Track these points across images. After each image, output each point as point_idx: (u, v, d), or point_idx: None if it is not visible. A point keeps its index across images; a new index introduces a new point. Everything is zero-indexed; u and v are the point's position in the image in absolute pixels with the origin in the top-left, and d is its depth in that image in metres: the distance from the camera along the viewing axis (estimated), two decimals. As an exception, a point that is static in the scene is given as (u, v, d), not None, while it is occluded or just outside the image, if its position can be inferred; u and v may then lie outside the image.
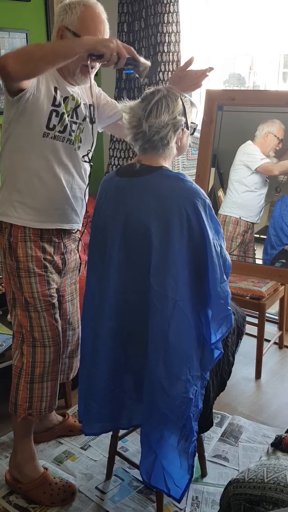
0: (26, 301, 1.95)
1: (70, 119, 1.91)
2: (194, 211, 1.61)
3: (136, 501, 2.08)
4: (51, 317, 1.98)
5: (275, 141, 2.86)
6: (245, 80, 3.73)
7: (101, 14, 1.86)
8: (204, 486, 2.15)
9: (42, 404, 2.01)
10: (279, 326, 3.27)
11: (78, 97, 1.94)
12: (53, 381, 2.03)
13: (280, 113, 2.84)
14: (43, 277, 1.95)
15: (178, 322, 1.64)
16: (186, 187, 1.63)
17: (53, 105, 1.84)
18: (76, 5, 1.83)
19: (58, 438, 2.42)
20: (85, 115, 1.97)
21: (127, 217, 1.66)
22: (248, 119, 2.97)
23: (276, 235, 2.90)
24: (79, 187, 2.01)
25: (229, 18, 3.30)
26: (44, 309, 1.96)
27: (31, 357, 1.98)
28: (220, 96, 3.01)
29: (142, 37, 3.35)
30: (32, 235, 1.92)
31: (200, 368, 1.73)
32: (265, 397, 2.79)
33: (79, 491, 2.13)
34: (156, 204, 1.62)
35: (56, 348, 2.01)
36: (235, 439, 2.44)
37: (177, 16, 3.16)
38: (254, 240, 3.02)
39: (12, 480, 2.11)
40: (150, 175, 1.66)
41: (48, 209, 1.93)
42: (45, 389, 2.01)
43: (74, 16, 1.82)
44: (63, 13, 1.83)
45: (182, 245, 1.61)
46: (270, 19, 3.17)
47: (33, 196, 1.90)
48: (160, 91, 1.69)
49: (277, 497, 1.41)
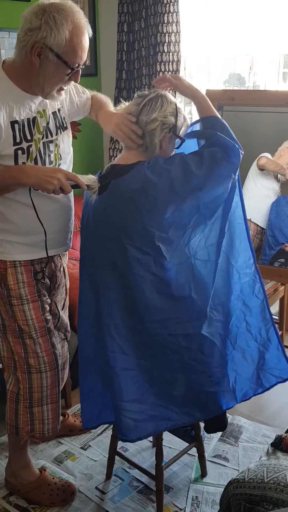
0: (20, 328, 1.87)
1: (46, 140, 1.76)
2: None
3: (136, 501, 2.08)
4: (47, 342, 1.91)
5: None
6: (245, 80, 3.72)
7: (87, 32, 1.65)
8: (204, 486, 2.15)
9: (44, 426, 1.97)
10: (279, 326, 3.26)
11: (45, 108, 1.77)
12: (54, 403, 1.97)
13: (280, 113, 2.84)
14: (36, 303, 1.86)
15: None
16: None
17: (14, 145, 1.67)
18: (63, 21, 1.57)
19: (58, 438, 2.41)
20: (57, 126, 1.81)
21: (120, 219, 1.66)
22: (248, 119, 2.97)
23: (273, 235, 2.91)
24: (65, 209, 1.88)
25: (229, 18, 3.30)
26: (40, 335, 1.88)
27: (27, 383, 1.92)
28: (220, 96, 3.01)
29: (142, 37, 3.34)
30: (23, 260, 1.82)
31: None
32: (265, 397, 2.78)
33: (79, 491, 2.13)
34: (140, 198, 1.64)
35: (53, 373, 1.94)
36: (235, 439, 2.44)
37: (177, 16, 3.15)
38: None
39: (10, 483, 2.10)
40: (127, 173, 1.67)
41: (34, 242, 1.81)
42: (45, 412, 1.96)
43: (61, 36, 1.57)
44: (46, 28, 1.55)
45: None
46: (270, 19, 3.17)
47: (15, 232, 1.78)
48: (157, 91, 1.73)
49: (277, 497, 1.41)
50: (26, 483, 2.06)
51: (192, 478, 2.20)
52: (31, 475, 2.08)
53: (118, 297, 1.72)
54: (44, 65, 1.62)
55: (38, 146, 1.73)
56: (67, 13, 1.59)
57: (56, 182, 1.59)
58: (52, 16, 1.56)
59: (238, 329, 1.91)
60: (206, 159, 1.66)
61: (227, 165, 1.68)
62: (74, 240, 3.39)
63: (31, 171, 1.63)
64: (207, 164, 1.65)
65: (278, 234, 2.89)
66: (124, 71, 3.49)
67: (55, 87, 1.69)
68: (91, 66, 3.65)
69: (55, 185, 1.59)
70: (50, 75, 1.64)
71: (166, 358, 1.77)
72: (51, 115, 1.79)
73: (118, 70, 3.50)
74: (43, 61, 1.61)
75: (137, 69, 3.42)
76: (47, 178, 1.59)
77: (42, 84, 1.66)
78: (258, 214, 2.95)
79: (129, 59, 3.45)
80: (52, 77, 1.65)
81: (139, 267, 1.66)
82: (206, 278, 1.78)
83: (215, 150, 1.67)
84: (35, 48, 1.58)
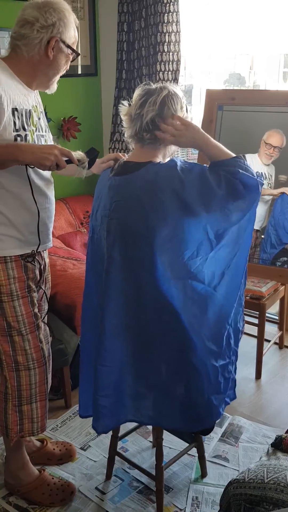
0: (9, 325, 1.86)
1: (38, 133, 1.83)
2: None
3: (136, 501, 2.08)
4: (36, 338, 1.91)
5: (264, 147, 2.86)
6: (245, 80, 3.72)
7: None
8: (204, 486, 2.15)
9: (33, 425, 1.97)
10: (279, 326, 3.27)
11: (37, 104, 1.88)
12: (42, 401, 1.97)
13: (280, 113, 2.84)
14: (26, 298, 1.87)
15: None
16: (168, 165, 1.65)
17: (14, 131, 1.72)
18: (71, 17, 1.79)
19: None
20: (46, 124, 1.92)
21: (124, 216, 1.66)
22: (248, 119, 2.97)
23: (276, 234, 2.89)
24: (52, 205, 1.92)
25: (229, 18, 3.30)
26: (29, 331, 1.89)
27: (15, 381, 1.92)
28: (220, 96, 3.01)
29: (142, 37, 3.34)
30: (13, 255, 1.83)
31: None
32: (265, 397, 2.79)
33: (79, 491, 2.12)
34: (147, 198, 1.61)
35: (42, 369, 1.94)
36: (235, 439, 2.44)
37: (177, 16, 3.15)
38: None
39: (10, 484, 2.10)
40: (138, 170, 1.66)
41: (26, 235, 1.83)
42: (34, 410, 1.96)
43: (72, 30, 1.79)
44: (61, 24, 1.75)
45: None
46: (270, 19, 3.17)
47: (6, 225, 1.79)
48: (165, 88, 1.69)
49: (277, 497, 1.41)
50: (25, 484, 2.06)
51: (192, 478, 2.20)
52: (30, 476, 2.08)
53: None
54: (56, 57, 1.80)
55: (33, 137, 1.80)
56: (69, 10, 1.80)
57: (53, 158, 1.64)
58: (63, 13, 1.76)
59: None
60: (224, 184, 1.60)
61: (243, 202, 1.63)
62: (74, 240, 3.40)
63: (28, 149, 1.67)
64: (225, 189, 1.60)
65: (282, 233, 2.86)
66: (124, 71, 3.49)
67: (60, 75, 1.86)
68: (91, 66, 3.65)
69: (52, 161, 1.64)
70: (60, 65, 1.83)
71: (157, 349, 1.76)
72: (41, 113, 1.89)
73: (118, 69, 3.51)
74: (56, 53, 1.78)
75: (137, 69, 3.42)
76: (43, 155, 1.64)
77: (52, 74, 1.83)
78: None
79: (129, 59, 3.45)
80: (61, 66, 1.83)
81: (132, 264, 1.67)
82: (200, 302, 1.72)
83: (236, 182, 1.60)
84: (51, 42, 1.76)
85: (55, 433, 2.47)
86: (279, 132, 2.82)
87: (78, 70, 3.56)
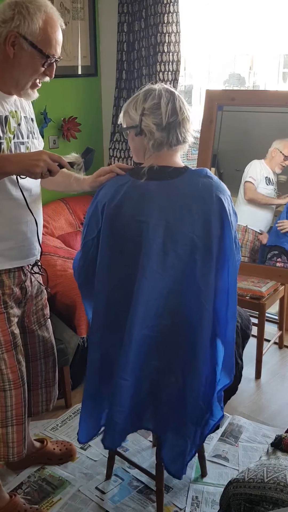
0: None
1: (17, 140, 1.69)
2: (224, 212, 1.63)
3: (136, 501, 2.08)
4: (13, 358, 1.80)
5: (281, 158, 2.85)
6: (245, 80, 3.72)
7: (60, 25, 1.65)
8: (204, 486, 2.15)
9: (9, 450, 1.85)
10: (279, 326, 3.27)
11: (17, 110, 1.72)
12: (19, 425, 1.85)
13: (280, 113, 2.84)
14: (2, 315, 1.76)
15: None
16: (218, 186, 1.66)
17: None
18: (36, 11, 1.58)
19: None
20: (29, 131, 1.76)
21: (168, 222, 1.60)
22: (248, 119, 2.97)
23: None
24: (38, 217, 1.80)
25: (229, 18, 3.30)
26: (5, 351, 1.78)
27: None
28: (220, 96, 3.01)
29: (142, 37, 3.34)
30: None
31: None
32: (265, 397, 2.79)
33: (79, 491, 2.12)
34: (197, 207, 1.60)
35: (18, 391, 1.82)
36: (235, 439, 2.44)
37: (177, 16, 3.15)
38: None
39: None
40: (181, 176, 1.64)
41: (3, 250, 1.73)
42: (10, 434, 1.83)
43: (34, 25, 1.58)
44: (19, 17, 1.57)
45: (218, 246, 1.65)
46: (270, 19, 3.17)
47: None
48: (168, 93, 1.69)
49: (277, 497, 1.41)
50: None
51: (192, 478, 2.20)
52: (0, 501, 1.96)
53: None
54: (18, 56, 1.61)
55: (10, 145, 1.67)
56: (40, 4, 1.61)
57: (43, 164, 1.53)
58: (25, 6, 1.58)
59: None
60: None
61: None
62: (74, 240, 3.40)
63: (14, 158, 1.58)
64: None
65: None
66: (124, 71, 3.49)
67: (30, 79, 1.66)
68: (91, 66, 3.65)
69: (42, 167, 1.53)
70: (25, 66, 1.63)
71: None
72: (23, 118, 1.75)
73: (118, 70, 3.51)
74: (17, 51, 1.60)
75: (137, 69, 3.43)
76: (32, 162, 1.54)
77: (17, 76, 1.64)
78: (255, 223, 2.93)
79: (129, 59, 3.45)
80: (27, 67, 1.63)
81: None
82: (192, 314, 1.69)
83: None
84: (8, 37, 1.58)
85: (55, 432, 2.48)
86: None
87: (78, 71, 3.56)
